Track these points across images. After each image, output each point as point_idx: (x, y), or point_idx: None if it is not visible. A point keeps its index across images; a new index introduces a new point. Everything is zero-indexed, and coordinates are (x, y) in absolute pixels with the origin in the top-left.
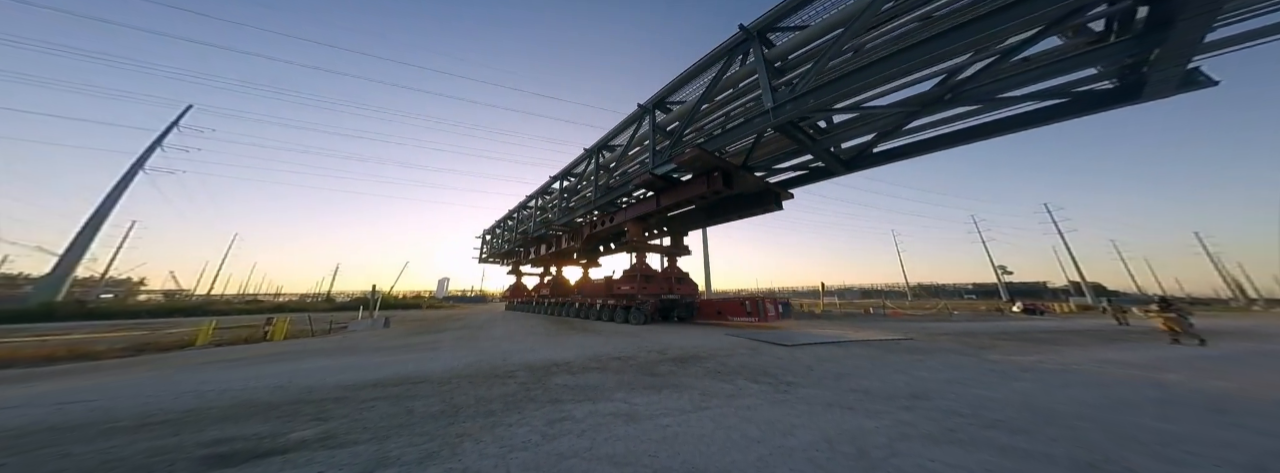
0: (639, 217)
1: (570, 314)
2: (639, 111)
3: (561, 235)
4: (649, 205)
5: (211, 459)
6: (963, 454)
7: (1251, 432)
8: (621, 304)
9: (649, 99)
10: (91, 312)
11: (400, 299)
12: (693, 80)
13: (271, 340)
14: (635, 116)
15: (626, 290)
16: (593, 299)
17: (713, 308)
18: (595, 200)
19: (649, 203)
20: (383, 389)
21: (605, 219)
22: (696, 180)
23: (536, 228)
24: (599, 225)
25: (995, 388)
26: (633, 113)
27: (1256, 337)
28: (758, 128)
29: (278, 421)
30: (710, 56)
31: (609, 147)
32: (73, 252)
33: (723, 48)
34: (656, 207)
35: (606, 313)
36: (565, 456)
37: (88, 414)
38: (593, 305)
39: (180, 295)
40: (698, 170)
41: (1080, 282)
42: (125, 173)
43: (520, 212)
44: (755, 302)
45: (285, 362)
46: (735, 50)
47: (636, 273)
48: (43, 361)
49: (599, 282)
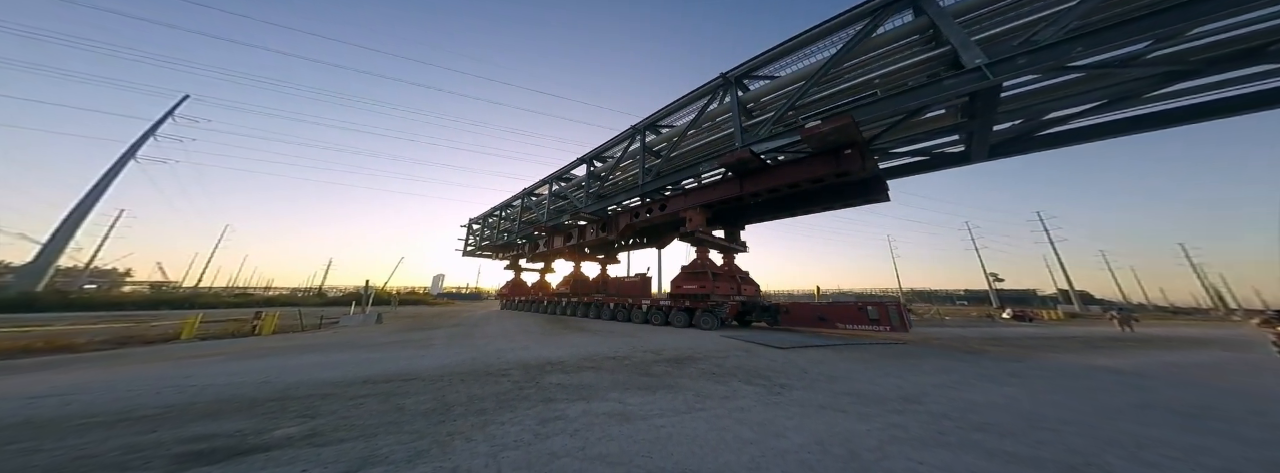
0: (705, 204)
1: (600, 315)
2: (718, 84)
3: (585, 226)
4: (724, 191)
5: (189, 457)
6: (951, 457)
7: (1225, 437)
8: (681, 305)
9: (733, 69)
10: (73, 302)
11: (394, 295)
12: (799, 50)
13: (260, 335)
14: (708, 91)
15: (693, 289)
16: (628, 299)
17: (809, 312)
18: (643, 186)
19: (724, 188)
20: (373, 386)
21: (653, 207)
22: (814, 160)
23: (550, 217)
24: (641, 214)
25: (984, 392)
26: (704, 87)
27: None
28: (949, 93)
29: (262, 417)
30: (853, 15)
31: (658, 127)
32: (57, 240)
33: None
34: (738, 192)
35: (657, 315)
36: (557, 455)
37: (61, 409)
38: (634, 306)
39: (167, 287)
40: (827, 146)
41: (1069, 289)
42: (116, 162)
43: (525, 199)
44: (883, 306)
45: (273, 357)
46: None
47: (705, 269)
48: (19, 352)
49: (631, 280)
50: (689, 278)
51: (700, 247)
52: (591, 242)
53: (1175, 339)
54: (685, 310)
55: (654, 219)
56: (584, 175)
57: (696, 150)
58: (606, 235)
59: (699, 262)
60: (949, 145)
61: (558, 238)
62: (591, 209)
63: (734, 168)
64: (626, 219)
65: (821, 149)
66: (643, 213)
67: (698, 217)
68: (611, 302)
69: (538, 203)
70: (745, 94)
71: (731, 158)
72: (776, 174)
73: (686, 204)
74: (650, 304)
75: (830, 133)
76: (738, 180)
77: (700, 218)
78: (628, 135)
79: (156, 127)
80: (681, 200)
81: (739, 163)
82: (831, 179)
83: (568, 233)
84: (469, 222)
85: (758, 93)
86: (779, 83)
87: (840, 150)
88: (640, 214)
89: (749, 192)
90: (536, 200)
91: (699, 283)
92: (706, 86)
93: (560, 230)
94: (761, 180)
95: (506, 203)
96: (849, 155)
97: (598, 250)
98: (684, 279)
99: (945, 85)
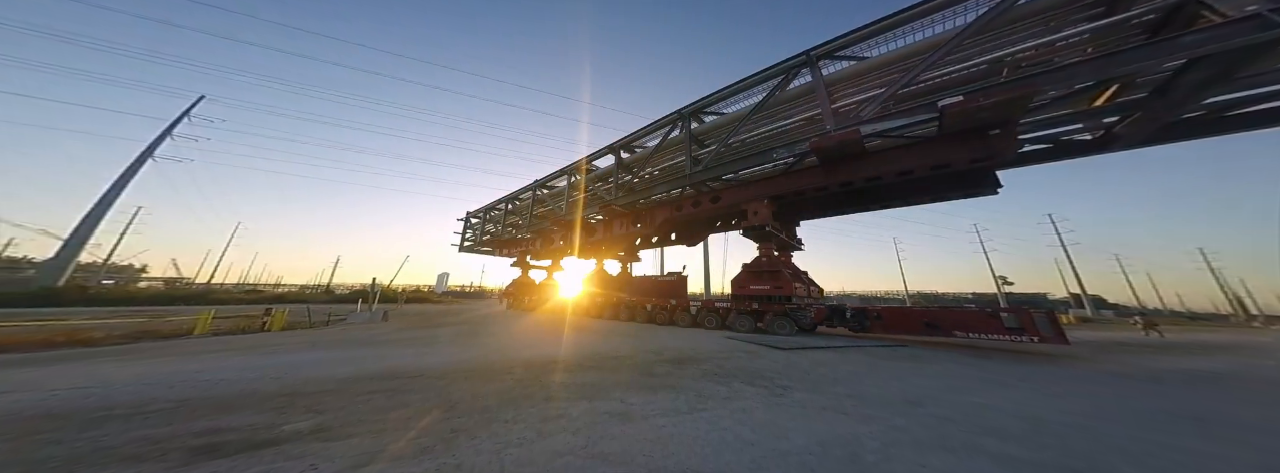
0: (774, 196)
1: (634, 318)
2: (796, 63)
3: (612, 220)
4: (800, 181)
5: (204, 449)
6: (954, 461)
7: (1236, 444)
8: (745, 308)
9: (816, 48)
10: (92, 297)
11: (401, 293)
12: (910, 23)
13: (270, 331)
14: (780, 72)
15: (765, 290)
16: (671, 299)
17: (911, 318)
18: (691, 175)
19: (800, 177)
20: (379, 382)
21: (702, 199)
22: (939, 144)
23: (569, 211)
24: (685, 207)
25: (990, 396)
26: (775, 68)
27: None
28: (1194, 51)
29: (272, 412)
30: None
31: (706, 113)
32: (77, 236)
33: None
34: (823, 181)
35: (710, 318)
36: (560, 453)
37: (81, 401)
38: (677, 308)
39: (181, 283)
40: (973, 125)
41: (1081, 293)
42: (135, 160)
43: (537, 190)
44: (1025, 313)
45: (282, 353)
46: None
47: (779, 267)
48: (41, 346)
49: (666, 279)
50: (756, 277)
51: (765, 243)
52: (619, 237)
53: (1218, 346)
54: (749, 314)
55: (701, 213)
56: (611, 166)
57: (765, 137)
58: (639, 230)
59: (766, 259)
60: (1073, 132)
61: (577, 233)
62: (622, 201)
63: (826, 153)
64: (665, 213)
65: (961, 128)
66: (687, 206)
67: (764, 209)
68: (647, 303)
69: (554, 195)
70: (830, 74)
71: (830, 140)
72: (880, 161)
73: (748, 195)
74: (702, 307)
75: (994, 106)
76: (824, 168)
77: (767, 211)
78: (669, 121)
79: (174, 126)
80: (740, 192)
81: (838, 146)
82: (963, 165)
83: (591, 228)
84: (467, 215)
85: (847, 73)
86: (884, 59)
87: (986, 130)
88: (684, 207)
89: (839, 181)
90: (551, 192)
91: (773, 283)
92: (779, 67)
93: (581, 225)
94: (859, 168)
95: (514, 195)
96: (998, 136)
97: (620, 247)
98: (749, 278)
99: (1184, 42)
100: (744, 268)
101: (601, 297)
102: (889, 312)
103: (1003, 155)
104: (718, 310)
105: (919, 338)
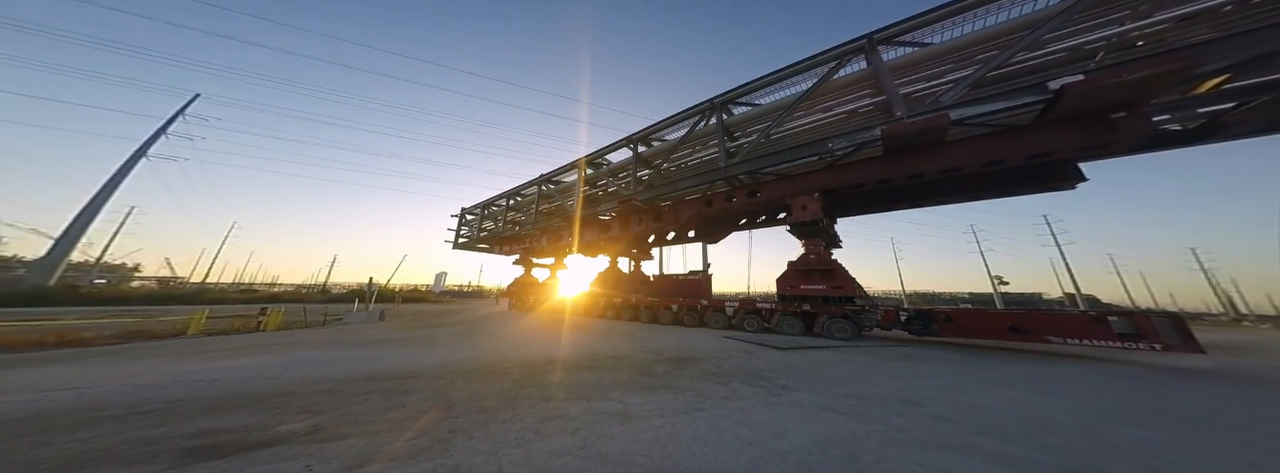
0: (826, 189)
1: (658, 320)
2: (852, 48)
3: (629, 216)
4: (859, 173)
5: (196, 451)
6: (952, 460)
7: (1227, 442)
8: (794, 309)
9: (878, 31)
10: (84, 297)
11: (398, 293)
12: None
13: (265, 331)
14: (833, 57)
15: (820, 290)
16: (701, 300)
17: (988, 321)
18: (725, 168)
19: (858, 169)
20: (375, 383)
21: (736, 193)
22: (1041, 129)
23: (579, 206)
24: (714, 202)
25: (987, 396)
26: (827, 54)
27: None
28: None
29: (267, 413)
30: None
31: (738, 103)
32: (69, 236)
33: None
34: (887, 173)
35: (750, 320)
36: (558, 454)
37: (72, 403)
38: (711, 308)
39: (175, 283)
40: (1096, 106)
41: (1076, 294)
42: (128, 159)
43: (543, 185)
44: (1142, 318)
45: (277, 353)
46: None
47: (835, 265)
48: (31, 346)
49: (689, 278)
50: (805, 276)
51: (813, 240)
52: (635, 234)
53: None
54: (798, 316)
55: (734, 208)
56: (626, 159)
57: (810, 128)
58: (659, 226)
59: (816, 257)
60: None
61: (589, 230)
62: (644, 196)
63: (900, 141)
64: (693, 208)
65: (1078, 111)
66: (719, 201)
67: (814, 203)
68: (672, 304)
69: (561, 190)
70: (889, 60)
71: (907, 127)
72: (961, 150)
73: (795, 189)
74: (740, 308)
75: (1138, 82)
76: (889, 159)
77: (817, 205)
78: (698, 112)
79: (168, 125)
80: (784, 185)
81: (916, 134)
82: (1068, 152)
83: (603, 224)
84: (462, 211)
85: (906, 59)
86: (954, 44)
87: (1109, 112)
88: (715, 202)
89: (907, 172)
90: (558, 187)
91: (829, 283)
92: (831, 53)
93: (589, 221)
94: (934, 158)
95: (516, 190)
96: (1125, 119)
97: (632, 245)
98: (799, 278)
99: None
100: (791, 267)
101: (618, 297)
102: (961, 314)
103: (1131, 139)
104: (759, 312)
105: (1000, 344)
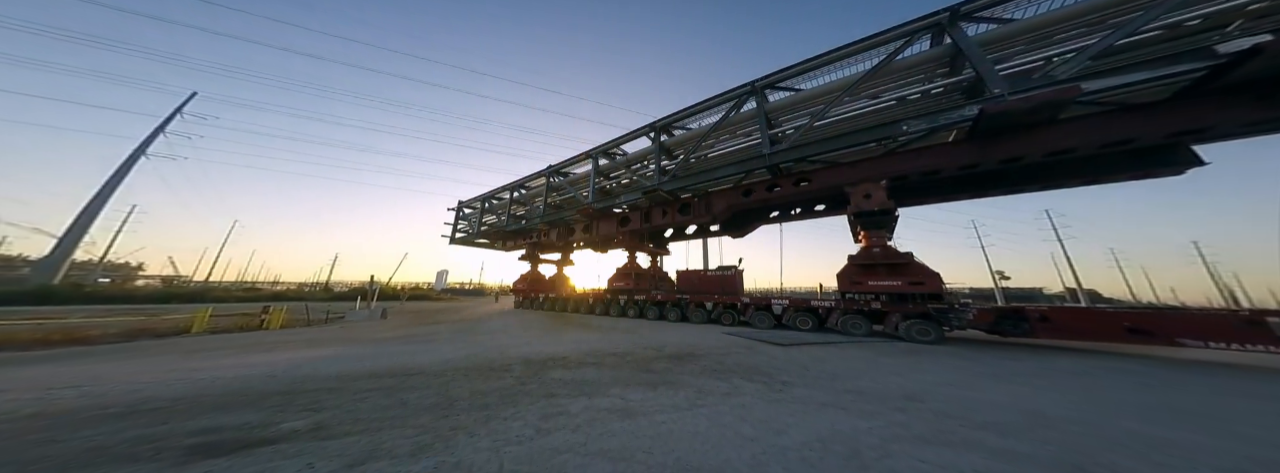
0: (896, 176)
1: (687, 318)
2: (930, 22)
3: (652, 209)
4: (940, 158)
5: (200, 448)
6: (954, 455)
7: (1230, 436)
8: (859, 307)
9: (960, 3)
10: (88, 295)
11: (399, 291)
12: None
13: (268, 329)
14: (903, 34)
15: (890, 286)
16: (741, 299)
17: (1098, 321)
18: (769, 155)
19: (936, 153)
20: (377, 380)
21: (781, 182)
22: (1191, 102)
23: (597, 198)
24: (754, 192)
25: (989, 390)
26: (895, 31)
27: None
28: None
29: (269, 410)
30: None
31: (778, 87)
32: (72, 234)
33: None
34: (974, 158)
35: (804, 318)
36: (559, 450)
37: (76, 400)
38: (757, 306)
39: (178, 281)
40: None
41: (1077, 288)
42: (128, 157)
43: (552, 177)
44: None
45: (280, 351)
46: None
47: (909, 258)
48: (36, 344)
49: (719, 274)
50: (870, 271)
51: (875, 232)
52: (659, 227)
53: None
54: (864, 314)
55: (777, 197)
56: (645, 149)
57: (863, 113)
58: (688, 219)
59: (882, 250)
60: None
61: (605, 223)
62: (672, 187)
63: (1008, 119)
64: (727, 199)
65: (1261, 77)
66: (760, 190)
67: (879, 191)
68: (706, 301)
69: (572, 181)
70: (979, 34)
71: (1026, 102)
72: (1077, 129)
73: (855, 176)
74: (790, 306)
75: None
76: (980, 141)
77: (882, 193)
78: (735, 96)
79: (166, 123)
80: (841, 172)
81: (1029, 112)
82: (1231, 127)
83: (623, 217)
84: (459, 204)
85: (986, 37)
86: (1063, 13)
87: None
88: (755, 192)
89: (1003, 155)
90: (568, 179)
91: (906, 278)
92: (900, 29)
93: (604, 214)
94: (1041, 139)
95: (521, 182)
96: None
97: (651, 239)
98: (863, 273)
99: None
100: (852, 261)
101: (641, 295)
102: (1062, 313)
103: (1217, 126)
104: (815, 311)
105: (1113, 346)
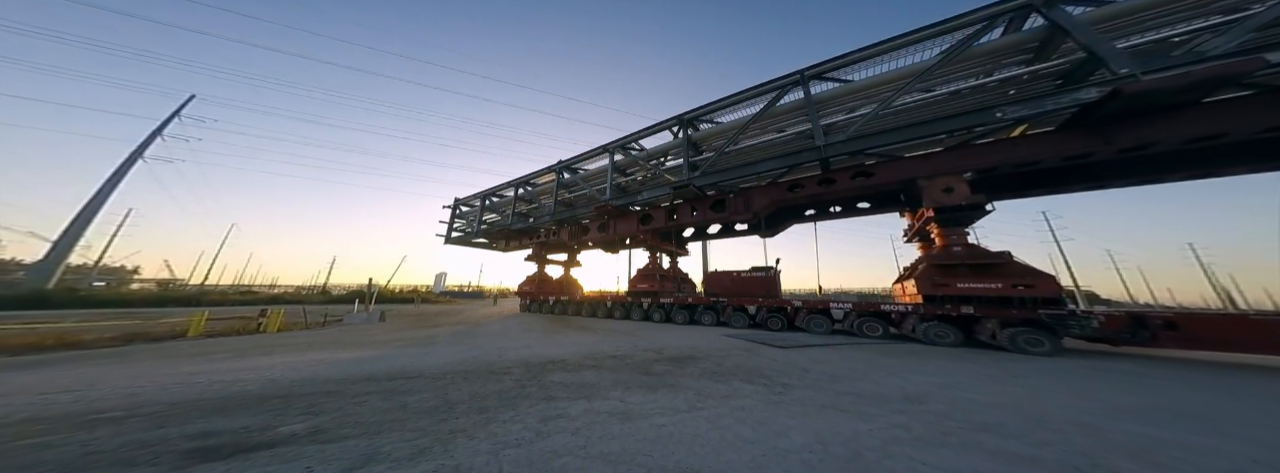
0: (983, 168)
1: (725, 322)
2: (1013, 6)
3: (680, 206)
4: (1042, 148)
5: (197, 453)
6: (954, 457)
7: (1230, 438)
8: (948, 313)
9: None
10: (83, 300)
11: (397, 293)
12: None
13: (265, 332)
14: (984, 18)
15: (987, 289)
16: (793, 302)
17: (1246, 329)
18: (826, 145)
19: (1036, 143)
20: (376, 383)
21: (840, 176)
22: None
23: (614, 195)
24: (807, 186)
25: (989, 392)
26: (984, 11)
27: None
28: None
29: (267, 414)
30: None
31: (825, 77)
32: (67, 238)
33: None
34: (1086, 147)
35: (871, 324)
36: (559, 453)
37: (71, 405)
38: (814, 310)
39: (175, 285)
40: None
41: (1075, 290)
42: (124, 161)
43: (562, 173)
44: None
45: (278, 354)
46: None
47: (1006, 258)
48: (30, 349)
49: (752, 276)
50: (955, 272)
51: (954, 229)
52: (685, 225)
53: None
54: (952, 322)
55: (834, 192)
56: (667, 143)
57: (945, 100)
58: (723, 217)
59: (962, 249)
60: None
61: (624, 222)
62: (705, 182)
63: (1141, 101)
64: (769, 195)
65: None
66: (811, 185)
67: (962, 185)
68: (749, 305)
69: (585, 177)
70: (1090, 10)
71: (1182, 79)
72: (1235, 111)
73: (931, 168)
74: (853, 309)
75: None
76: (1098, 128)
77: (964, 187)
78: (778, 86)
79: (163, 126)
80: (907, 166)
81: (1179, 91)
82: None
83: (645, 215)
84: (455, 201)
85: (1095, 16)
86: None
87: None
88: (805, 186)
89: (1127, 143)
90: (581, 175)
91: (1006, 281)
92: (984, 11)
93: (622, 212)
94: (1183, 124)
95: (526, 178)
96: None
97: (670, 239)
98: (946, 275)
99: None
100: (931, 262)
101: (667, 296)
102: (1194, 321)
103: None
104: (888, 317)
105: (1256, 359)
